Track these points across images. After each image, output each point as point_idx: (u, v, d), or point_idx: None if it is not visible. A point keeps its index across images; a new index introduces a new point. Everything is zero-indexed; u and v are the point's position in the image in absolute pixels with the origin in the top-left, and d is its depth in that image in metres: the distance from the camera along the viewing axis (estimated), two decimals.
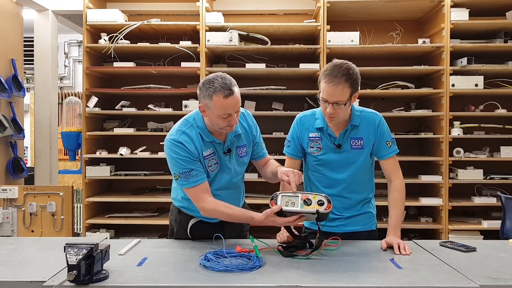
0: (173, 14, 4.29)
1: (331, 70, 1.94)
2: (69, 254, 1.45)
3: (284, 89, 3.92)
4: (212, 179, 2.04)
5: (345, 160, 2.11)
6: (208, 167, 2.00)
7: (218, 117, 1.90)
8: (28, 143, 6.65)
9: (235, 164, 2.08)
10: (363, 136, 2.10)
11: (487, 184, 3.91)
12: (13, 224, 3.63)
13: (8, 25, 4.20)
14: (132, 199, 3.96)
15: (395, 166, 2.18)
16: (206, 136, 1.99)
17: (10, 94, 4.06)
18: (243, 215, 1.94)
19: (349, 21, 4.24)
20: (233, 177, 2.09)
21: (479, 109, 3.96)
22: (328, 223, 2.10)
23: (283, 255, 1.75)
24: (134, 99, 4.22)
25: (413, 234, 4.04)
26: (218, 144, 2.02)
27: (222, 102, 1.86)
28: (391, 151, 2.15)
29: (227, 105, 1.87)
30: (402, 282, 1.53)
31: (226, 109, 1.88)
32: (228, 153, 2.04)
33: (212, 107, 1.88)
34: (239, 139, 2.08)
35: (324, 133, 2.12)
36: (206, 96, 1.89)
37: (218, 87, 1.87)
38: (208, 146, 2.00)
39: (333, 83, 1.91)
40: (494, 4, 3.84)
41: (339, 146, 2.09)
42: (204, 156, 1.99)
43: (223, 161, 2.04)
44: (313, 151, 2.12)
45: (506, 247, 2.03)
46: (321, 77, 1.97)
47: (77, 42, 7.10)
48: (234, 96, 1.88)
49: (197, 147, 1.96)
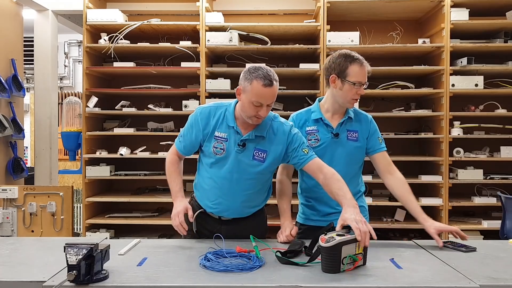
0: (173, 14, 4.29)
1: (355, 55, 2.11)
2: (69, 254, 1.45)
3: (284, 89, 3.92)
4: (216, 162, 2.06)
5: (342, 150, 2.18)
6: (213, 147, 2.05)
7: (250, 104, 1.94)
8: (28, 143, 6.65)
9: (245, 162, 2.03)
10: (358, 130, 2.21)
11: (487, 184, 3.91)
12: (13, 224, 3.62)
13: (8, 25, 4.20)
14: (132, 199, 3.96)
15: (389, 159, 2.25)
16: (230, 119, 2.04)
17: (10, 94, 4.06)
18: (174, 187, 2.13)
19: (349, 21, 4.24)
20: (238, 174, 2.04)
21: (479, 109, 3.96)
22: (323, 217, 2.19)
23: (280, 262, 1.74)
24: (134, 99, 4.22)
25: (413, 234, 4.04)
26: (236, 133, 2.03)
27: (260, 89, 1.91)
28: (383, 146, 2.25)
29: (262, 93, 1.91)
30: (402, 282, 1.53)
31: (260, 97, 1.92)
32: (242, 147, 2.02)
33: (249, 91, 1.93)
34: (262, 142, 2.04)
35: (320, 125, 2.20)
36: (248, 79, 1.95)
37: (261, 74, 1.93)
38: (225, 129, 2.04)
39: (363, 65, 2.10)
40: (494, 4, 3.84)
41: (337, 135, 2.18)
42: (215, 136, 2.05)
43: (233, 151, 2.03)
44: (311, 143, 2.17)
45: (506, 247, 2.03)
46: (350, 63, 2.09)
47: (77, 42, 7.10)
48: (272, 88, 1.93)
49: (211, 124, 2.05)
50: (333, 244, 1.60)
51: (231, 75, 4.00)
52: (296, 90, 3.91)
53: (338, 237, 1.62)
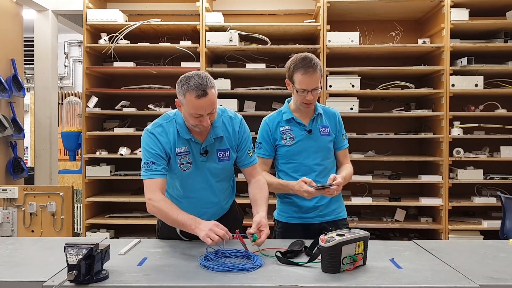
0: (173, 14, 4.29)
1: (302, 63, 2.14)
2: (69, 254, 1.45)
3: (284, 89, 3.92)
4: (187, 178, 2.02)
5: (316, 145, 2.27)
6: (180, 164, 1.99)
7: (190, 115, 1.88)
8: (28, 143, 6.65)
9: (214, 167, 2.03)
10: (329, 125, 2.32)
11: (487, 184, 3.91)
12: (13, 224, 3.63)
13: (8, 25, 4.20)
14: (132, 199, 3.96)
15: (347, 155, 2.41)
16: (184, 133, 1.98)
17: (10, 94, 4.06)
18: (185, 221, 1.82)
19: (349, 21, 4.24)
20: (212, 180, 2.04)
21: (479, 109, 3.96)
22: (305, 214, 2.26)
23: (280, 262, 1.74)
24: (134, 99, 4.22)
25: (413, 234, 4.05)
26: (195, 143, 1.99)
27: (194, 102, 1.84)
28: (345, 143, 2.39)
29: (198, 106, 1.84)
30: (402, 282, 1.53)
31: (197, 109, 1.85)
32: (205, 154, 2.00)
33: (185, 104, 1.88)
34: (221, 142, 2.04)
35: (293, 124, 2.27)
36: (181, 92, 1.88)
37: (192, 86, 1.84)
38: (183, 143, 1.98)
39: (309, 73, 2.12)
40: (494, 4, 3.84)
41: (310, 131, 2.26)
42: (177, 153, 1.98)
43: (199, 161, 2.00)
44: (287, 142, 2.26)
45: (506, 247, 2.03)
46: (294, 71, 2.16)
47: (77, 42, 7.10)
48: (207, 98, 1.84)
49: (170, 141, 1.97)
50: (333, 244, 1.60)
51: (231, 75, 4.00)
52: None
53: (338, 237, 1.62)
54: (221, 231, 1.75)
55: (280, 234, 2.31)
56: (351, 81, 3.83)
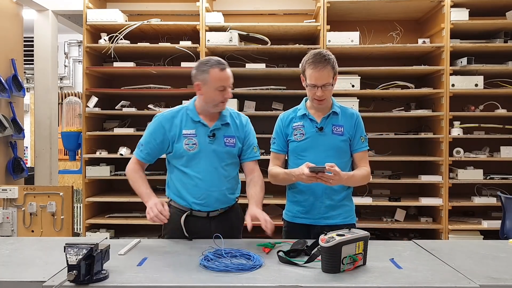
0: (173, 14, 4.29)
1: (314, 58, 2.16)
2: (69, 254, 1.45)
3: (284, 89, 3.92)
4: (192, 159, 2.15)
5: (327, 143, 2.24)
6: (185, 144, 2.15)
7: (215, 91, 2.11)
8: (28, 143, 6.65)
9: (219, 150, 2.17)
10: (344, 125, 2.27)
11: (487, 184, 3.91)
12: (13, 224, 3.63)
13: (8, 25, 4.20)
14: (132, 199, 3.96)
15: (366, 158, 2.32)
16: (194, 115, 2.17)
17: (10, 94, 4.06)
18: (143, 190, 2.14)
19: (349, 21, 4.24)
20: (217, 163, 2.16)
21: (479, 109, 3.96)
22: (309, 215, 2.23)
23: (280, 261, 1.74)
24: (134, 99, 4.22)
25: (413, 234, 4.04)
26: (203, 126, 2.17)
27: (219, 74, 2.11)
28: (364, 145, 2.31)
29: (223, 77, 2.12)
30: (402, 282, 1.53)
31: (222, 81, 2.11)
32: (213, 137, 2.16)
33: (209, 80, 2.10)
34: (228, 129, 2.22)
35: (306, 120, 2.27)
36: (204, 71, 2.11)
37: (214, 62, 2.13)
38: (191, 126, 2.17)
39: (319, 68, 2.14)
40: (494, 4, 3.84)
41: (321, 128, 2.24)
42: (184, 134, 2.16)
43: (206, 143, 2.15)
44: (297, 137, 2.26)
45: (506, 247, 2.03)
46: (306, 66, 2.18)
47: (77, 42, 7.10)
48: (228, 70, 2.15)
49: (177, 123, 2.17)
50: (333, 244, 1.60)
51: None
52: (296, 90, 3.90)
53: (338, 237, 1.62)
54: (156, 210, 1.98)
55: (286, 233, 2.31)
56: (351, 81, 3.83)
